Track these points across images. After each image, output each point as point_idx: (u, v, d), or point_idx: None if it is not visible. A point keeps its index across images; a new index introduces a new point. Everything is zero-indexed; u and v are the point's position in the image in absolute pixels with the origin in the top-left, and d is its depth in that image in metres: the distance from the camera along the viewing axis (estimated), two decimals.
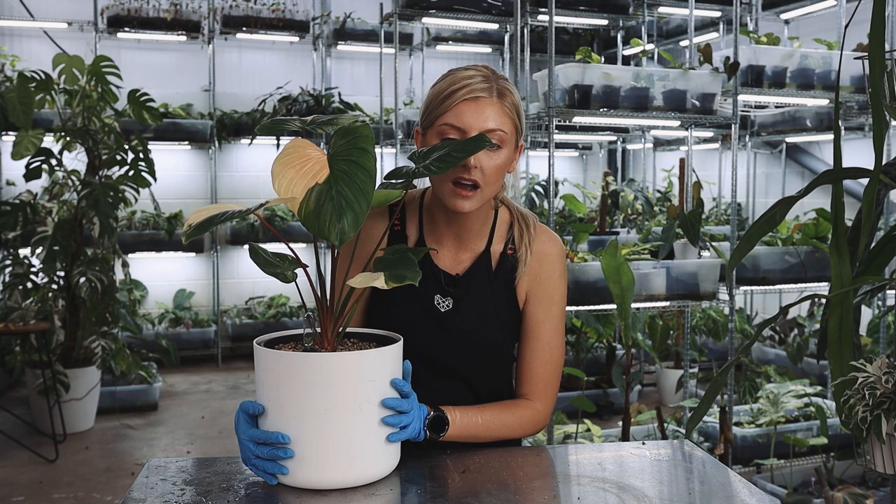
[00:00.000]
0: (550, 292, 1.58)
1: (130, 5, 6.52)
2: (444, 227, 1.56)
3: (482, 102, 1.44)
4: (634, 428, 4.12)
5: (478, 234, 1.57)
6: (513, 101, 1.48)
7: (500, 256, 1.57)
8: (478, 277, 1.56)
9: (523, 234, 1.58)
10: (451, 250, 1.57)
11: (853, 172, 1.64)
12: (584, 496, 1.25)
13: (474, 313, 1.54)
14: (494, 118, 1.44)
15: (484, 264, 1.56)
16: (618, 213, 6.25)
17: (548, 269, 1.58)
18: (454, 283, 1.55)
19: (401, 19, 5.07)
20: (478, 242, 1.57)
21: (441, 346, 1.54)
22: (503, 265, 1.57)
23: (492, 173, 1.45)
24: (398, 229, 1.57)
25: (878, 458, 1.43)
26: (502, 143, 1.45)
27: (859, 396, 1.41)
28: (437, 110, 1.46)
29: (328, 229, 1.11)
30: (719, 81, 3.77)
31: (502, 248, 1.58)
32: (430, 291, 1.54)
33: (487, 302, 1.55)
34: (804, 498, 3.56)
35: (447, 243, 1.57)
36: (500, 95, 1.46)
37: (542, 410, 1.57)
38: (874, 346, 4.58)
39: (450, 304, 1.54)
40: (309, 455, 1.22)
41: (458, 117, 1.43)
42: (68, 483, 4.18)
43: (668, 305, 3.62)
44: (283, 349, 1.28)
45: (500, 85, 1.47)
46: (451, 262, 1.57)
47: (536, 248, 1.58)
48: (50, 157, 4.92)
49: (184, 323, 6.97)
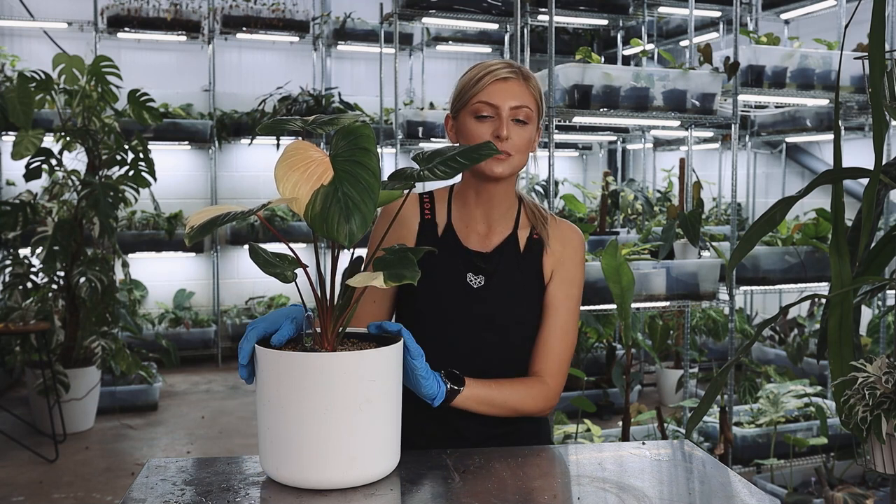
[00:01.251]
0: (571, 275, 1.68)
1: (130, 5, 6.52)
2: (474, 210, 1.67)
3: (510, 82, 1.60)
4: (634, 428, 4.12)
5: (504, 216, 1.68)
6: (536, 84, 1.63)
7: (527, 239, 1.69)
8: (507, 256, 1.66)
9: (539, 220, 1.70)
10: (481, 234, 1.68)
11: (853, 172, 1.64)
12: (584, 496, 1.25)
13: (505, 289, 1.64)
14: (521, 96, 1.59)
15: (512, 245, 1.67)
16: (618, 213, 6.25)
17: (570, 251, 1.69)
18: (484, 260, 1.66)
19: (401, 19, 5.07)
20: (504, 226, 1.68)
21: (472, 322, 1.62)
22: (530, 247, 1.68)
23: (521, 144, 1.60)
24: (428, 218, 1.69)
25: (878, 458, 1.43)
26: (528, 120, 1.60)
27: (859, 396, 1.41)
28: (469, 92, 1.61)
29: (337, 231, 1.12)
30: (719, 81, 3.77)
31: (528, 232, 1.69)
32: (463, 270, 1.65)
33: (516, 279, 1.65)
34: (804, 498, 3.57)
35: (477, 228, 1.68)
36: (525, 78, 1.62)
37: (552, 387, 1.62)
38: (874, 346, 4.58)
39: (481, 280, 1.65)
40: (309, 455, 1.22)
41: (489, 95, 1.59)
42: (68, 483, 4.18)
43: (668, 305, 3.62)
44: (283, 349, 1.28)
45: (524, 70, 1.63)
46: (482, 245, 1.67)
47: (560, 233, 1.70)
48: (50, 157, 4.92)
49: (184, 323, 6.98)
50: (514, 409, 1.57)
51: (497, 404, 1.55)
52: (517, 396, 1.57)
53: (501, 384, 1.56)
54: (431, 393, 1.43)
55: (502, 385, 1.56)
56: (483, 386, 1.53)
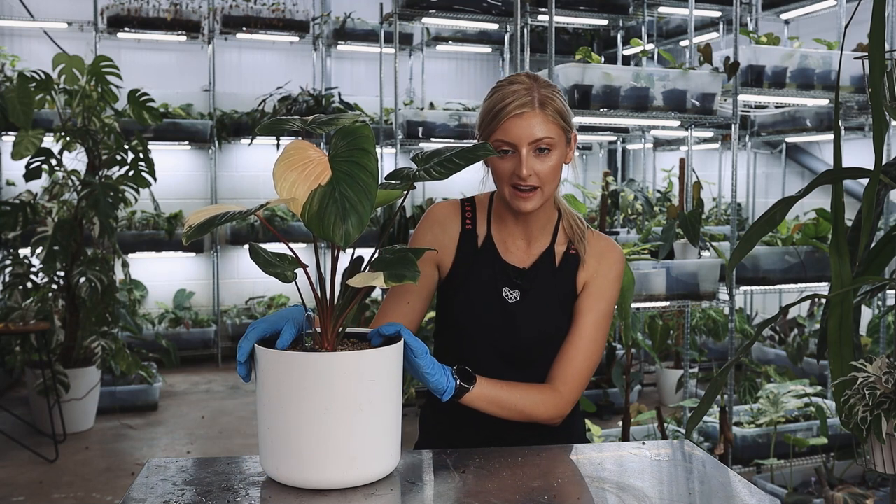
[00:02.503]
0: (603, 289, 1.68)
1: (130, 5, 6.52)
2: (513, 226, 1.69)
3: (525, 116, 1.56)
4: (634, 428, 4.12)
5: (542, 231, 1.69)
6: (555, 108, 1.59)
7: (563, 255, 1.69)
8: (543, 272, 1.67)
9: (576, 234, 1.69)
10: (520, 248, 1.70)
11: (853, 172, 1.64)
12: (584, 496, 1.25)
13: (540, 304, 1.66)
14: (539, 128, 1.56)
15: (548, 260, 1.68)
16: (618, 213, 6.24)
17: (605, 267, 1.68)
18: (521, 276, 1.67)
19: (401, 19, 5.07)
20: (542, 240, 1.70)
21: (507, 336, 1.65)
22: (566, 263, 1.69)
23: (547, 174, 1.58)
24: (469, 228, 1.71)
25: (878, 458, 1.43)
26: (551, 148, 1.58)
27: (859, 396, 1.41)
28: (488, 128, 1.59)
29: (332, 231, 1.11)
30: (719, 81, 3.76)
31: (565, 248, 1.69)
32: (500, 284, 1.67)
33: (551, 294, 1.67)
34: (804, 498, 3.56)
35: (516, 241, 1.70)
36: (541, 105, 1.57)
37: (564, 395, 1.61)
38: (874, 346, 4.58)
39: (517, 295, 1.66)
40: (309, 455, 1.22)
41: (506, 133, 1.57)
42: (68, 483, 4.18)
43: (668, 305, 3.62)
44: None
45: (542, 94, 1.58)
46: (520, 259, 1.69)
47: (598, 248, 1.69)
48: (50, 157, 4.92)
49: (184, 323, 6.97)
50: (523, 413, 1.57)
51: (507, 406, 1.54)
52: (527, 401, 1.57)
53: (513, 387, 1.56)
54: (441, 387, 1.43)
55: (514, 388, 1.56)
56: (494, 386, 1.53)
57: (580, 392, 1.64)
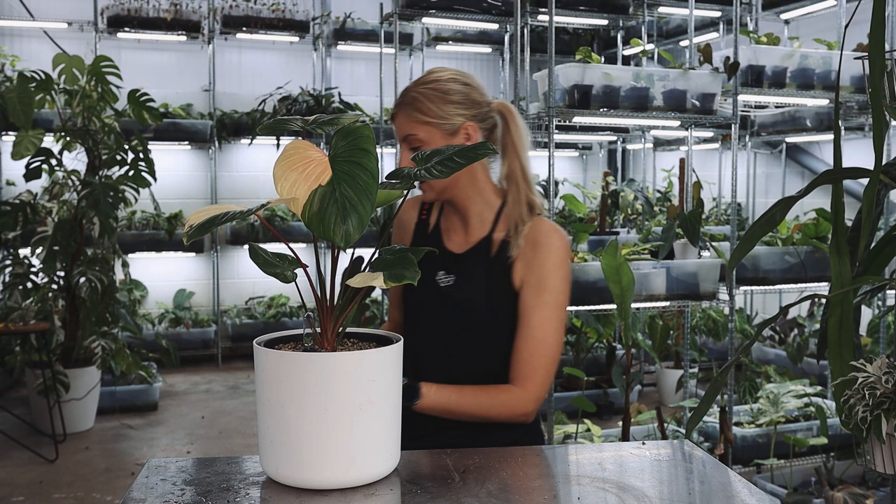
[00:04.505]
0: (542, 280, 1.65)
1: (130, 5, 6.52)
2: (452, 215, 1.76)
3: (395, 117, 1.69)
4: (634, 428, 4.12)
5: (478, 219, 1.73)
6: (420, 106, 1.64)
7: (500, 243, 1.70)
8: (477, 259, 1.71)
9: (516, 220, 1.69)
10: (460, 235, 1.75)
11: (853, 172, 1.63)
12: (584, 496, 1.25)
13: (470, 290, 1.69)
14: (403, 127, 1.66)
15: (484, 248, 1.71)
16: (618, 213, 6.24)
17: (541, 256, 1.66)
18: (455, 261, 1.72)
19: (401, 19, 5.06)
20: (480, 229, 1.73)
21: (443, 321, 1.70)
22: (502, 251, 1.69)
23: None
24: (424, 218, 1.81)
25: (878, 458, 1.43)
26: (422, 144, 1.64)
27: (859, 396, 1.41)
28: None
29: (333, 232, 1.11)
30: (719, 81, 3.76)
31: (503, 236, 1.70)
32: (436, 268, 1.73)
33: (482, 281, 1.69)
34: (804, 498, 3.56)
35: (457, 229, 1.76)
36: (407, 104, 1.66)
37: (521, 396, 1.62)
38: (874, 346, 4.58)
39: (451, 280, 1.71)
40: (309, 455, 1.22)
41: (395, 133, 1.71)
42: (68, 483, 4.18)
43: (668, 305, 3.62)
44: (283, 349, 1.28)
45: (409, 95, 1.66)
46: (458, 245, 1.74)
47: (532, 236, 1.68)
48: (50, 157, 4.92)
49: (184, 323, 6.97)
50: (479, 415, 1.60)
51: (455, 411, 1.59)
52: (479, 406, 1.60)
53: (464, 392, 1.60)
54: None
55: (465, 393, 1.60)
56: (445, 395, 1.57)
57: (542, 389, 1.63)
